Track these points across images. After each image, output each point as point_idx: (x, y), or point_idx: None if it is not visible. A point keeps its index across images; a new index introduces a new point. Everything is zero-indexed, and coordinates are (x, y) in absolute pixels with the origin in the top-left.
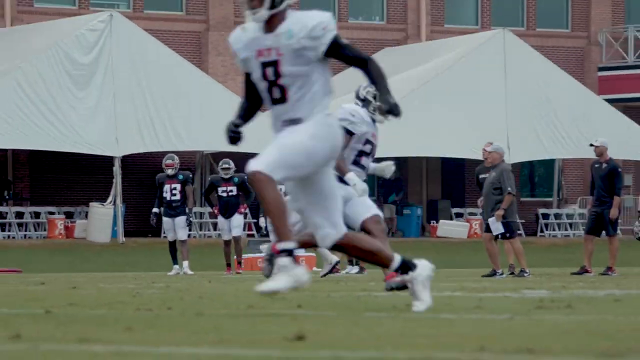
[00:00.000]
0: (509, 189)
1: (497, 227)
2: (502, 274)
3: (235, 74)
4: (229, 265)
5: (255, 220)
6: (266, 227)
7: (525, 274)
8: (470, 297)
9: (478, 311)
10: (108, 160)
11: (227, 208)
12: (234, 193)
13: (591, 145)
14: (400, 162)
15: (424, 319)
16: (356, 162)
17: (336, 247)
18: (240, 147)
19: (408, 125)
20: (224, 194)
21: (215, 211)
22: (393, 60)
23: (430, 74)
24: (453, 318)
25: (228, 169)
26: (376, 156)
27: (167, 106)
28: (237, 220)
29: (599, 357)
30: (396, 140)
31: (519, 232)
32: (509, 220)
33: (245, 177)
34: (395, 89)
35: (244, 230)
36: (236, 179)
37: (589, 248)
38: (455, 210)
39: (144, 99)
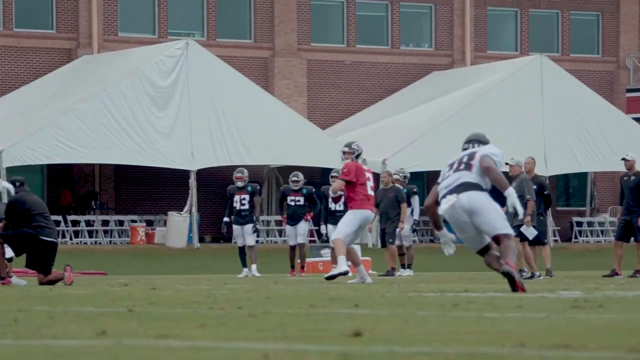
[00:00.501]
0: (528, 196)
1: (530, 232)
2: (539, 276)
3: (298, 95)
4: (293, 268)
5: (316, 228)
6: (327, 233)
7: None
8: (511, 298)
9: (518, 310)
10: (184, 174)
11: (294, 216)
12: (301, 203)
13: (623, 159)
14: None
15: (470, 317)
16: None
17: None
18: (304, 162)
19: (454, 142)
20: (292, 203)
21: (283, 221)
22: (441, 83)
23: (474, 95)
24: (496, 316)
25: (297, 181)
26: (426, 169)
27: (238, 124)
28: (303, 228)
29: (629, 352)
30: (443, 155)
31: (551, 239)
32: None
33: (313, 189)
34: (443, 109)
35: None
36: (304, 190)
37: (618, 253)
38: None
39: (217, 118)
